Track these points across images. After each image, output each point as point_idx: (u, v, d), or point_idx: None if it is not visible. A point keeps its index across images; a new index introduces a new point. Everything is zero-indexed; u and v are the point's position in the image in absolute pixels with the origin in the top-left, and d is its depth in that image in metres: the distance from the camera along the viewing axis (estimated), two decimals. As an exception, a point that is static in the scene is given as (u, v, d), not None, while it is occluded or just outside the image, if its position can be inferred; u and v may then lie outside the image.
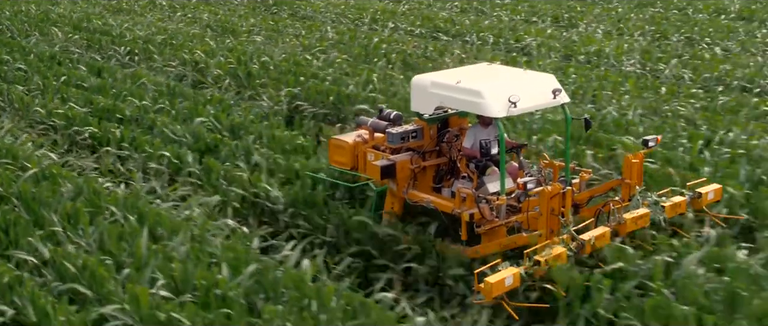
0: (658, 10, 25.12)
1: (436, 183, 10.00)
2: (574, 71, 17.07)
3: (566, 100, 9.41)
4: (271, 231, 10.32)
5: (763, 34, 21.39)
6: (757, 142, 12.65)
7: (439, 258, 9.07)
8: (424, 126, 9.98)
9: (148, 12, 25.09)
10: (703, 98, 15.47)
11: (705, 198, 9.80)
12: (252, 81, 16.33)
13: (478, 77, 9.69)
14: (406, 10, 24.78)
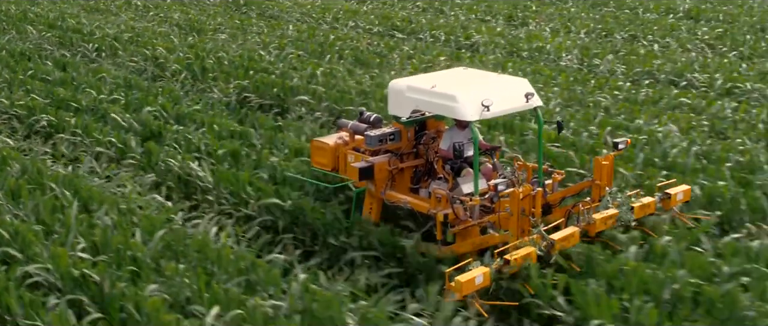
0: (610, 10, 26.04)
1: (413, 184, 10.20)
2: (512, 65, 17.98)
3: (539, 104, 9.65)
4: (203, 206, 11.28)
5: (703, 31, 22.32)
6: (660, 128, 13.61)
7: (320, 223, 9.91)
8: (401, 129, 10.15)
9: (123, 11, 26.00)
10: (628, 90, 16.38)
11: (674, 199, 9.96)
12: (206, 75, 17.26)
13: (452, 82, 9.94)
14: (368, 9, 25.68)
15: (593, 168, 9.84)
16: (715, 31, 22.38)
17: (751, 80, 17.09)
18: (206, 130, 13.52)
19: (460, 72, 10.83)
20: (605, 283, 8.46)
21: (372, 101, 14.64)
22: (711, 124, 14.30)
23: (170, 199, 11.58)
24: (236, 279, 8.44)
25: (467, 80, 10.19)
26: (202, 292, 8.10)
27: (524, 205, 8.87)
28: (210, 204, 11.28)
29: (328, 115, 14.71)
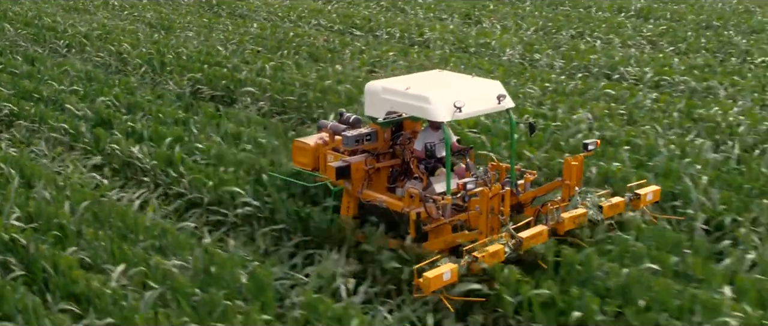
0: (566, 9, 26.97)
1: (390, 183, 10.30)
2: (456, 60, 18.90)
3: (511, 105, 9.77)
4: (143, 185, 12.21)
5: (648, 29, 23.23)
6: (574, 116, 14.52)
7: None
8: (378, 129, 10.26)
9: (100, 10, 26.93)
10: (559, 82, 17.29)
11: (643, 199, 10.12)
12: (164, 69, 18.18)
13: (426, 83, 10.04)
14: (332, 9, 26.59)
15: (563, 169, 9.95)
16: (659, 28, 23.32)
17: (680, 73, 18.02)
18: (152, 118, 14.45)
19: (435, 74, 10.96)
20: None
21: (311, 91, 15.59)
22: (629, 112, 15.21)
23: (114, 178, 12.52)
24: (148, 242, 9.35)
25: (441, 82, 10.27)
26: (114, 253, 9.02)
27: (493, 204, 9.03)
28: (147, 183, 12.21)
29: (270, 104, 15.66)
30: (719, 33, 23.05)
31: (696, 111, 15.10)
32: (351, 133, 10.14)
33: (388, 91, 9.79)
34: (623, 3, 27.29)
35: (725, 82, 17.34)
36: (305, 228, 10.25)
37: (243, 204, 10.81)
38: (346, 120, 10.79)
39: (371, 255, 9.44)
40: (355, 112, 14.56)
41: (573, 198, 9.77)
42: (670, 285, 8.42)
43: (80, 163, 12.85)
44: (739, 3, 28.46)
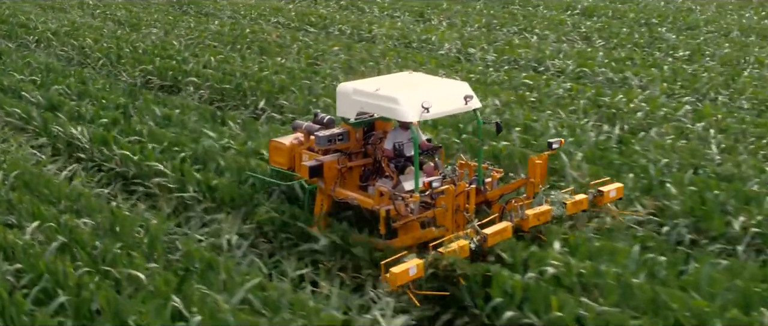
0: (516, 8, 28.17)
1: (362, 181, 10.48)
2: (394, 53, 20.10)
3: (477, 106, 10.01)
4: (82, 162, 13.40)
5: (586, 25, 24.44)
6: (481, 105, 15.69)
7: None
8: (350, 129, 10.41)
9: (74, 9, 28.17)
10: (484, 74, 18.47)
11: (606, 196, 10.29)
12: (120, 61, 19.41)
13: (396, 85, 10.25)
14: (292, 7, 27.81)
15: (528, 167, 10.18)
16: (597, 25, 24.51)
17: (601, 66, 19.19)
18: (99, 103, 15.68)
19: (405, 76, 11.20)
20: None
21: (246, 81, 16.82)
22: (539, 100, 16.40)
23: (56, 157, 13.73)
24: (65, 205, 10.56)
25: (410, 84, 10.45)
26: (34, 213, 10.23)
27: (459, 202, 9.27)
28: (85, 160, 13.41)
29: (210, 93, 16.88)
30: (653, 29, 24.24)
31: (601, 99, 16.29)
32: (324, 133, 10.29)
33: (359, 92, 9.97)
34: (571, 2, 28.49)
35: (641, 74, 18.52)
36: (213, 197, 11.44)
37: (159, 174, 12.01)
38: (320, 120, 10.96)
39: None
40: (286, 99, 15.87)
41: (537, 196, 9.99)
42: (513, 243, 9.48)
43: (28, 143, 14.05)
44: (683, 2, 29.67)
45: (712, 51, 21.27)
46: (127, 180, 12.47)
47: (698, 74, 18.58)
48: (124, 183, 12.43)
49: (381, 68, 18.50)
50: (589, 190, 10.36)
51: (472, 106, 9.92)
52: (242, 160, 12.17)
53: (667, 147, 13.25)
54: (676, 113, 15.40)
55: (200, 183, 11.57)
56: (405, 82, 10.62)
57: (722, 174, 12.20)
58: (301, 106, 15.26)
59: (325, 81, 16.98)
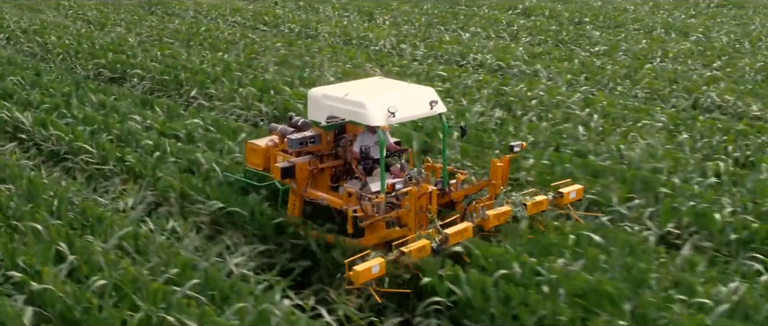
0: (462, 8, 29.62)
1: (333, 182, 10.68)
2: (331, 49, 21.54)
3: (443, 110, 10.25)
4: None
5: (520, 24, 25.88)
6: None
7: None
8: (321, 132, 10.63)
9: (50, 10, 29.63)
10: (406, 67, 19.87)
11: (566, 197, 10.58)
12: (78, 55, 20.87)
13: (364, 90, 10.41)
14: (251, 8, 29.26)
15: (490, 170, 10.48)
16: (529, 23, 25.94)
17: (517, 60, 20.61)
18: (51, 92, 17.15)
19: (374, 81, 11.39)
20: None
21: (184, 72, 18.27)
22: (447, 90, 17.79)
23: (3, 138, 15.17)
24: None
25: (377, 89, 10.62)
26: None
27: (422, 203, 9.44)
28: (27, 140, 14.84)
29: (152, 83, 18.31)
30: (582, 27, 25.66)
31: (503, 88, 17.70)
32: (296, 136, 10.55)
33: (328, 97, 10.22)
34: (514, 2, 29.91)
35: (551, 67, 19.94)
36: (127, 170, 12.84)
37: (84, 151, 13.45)
38: (294, 123, 11.20)
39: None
40: (215, 88, 17.31)
41: (498, 197, 10.28)
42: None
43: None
44: (622, 2, 31.10)
45: (628, 46, 22.68)
46: (59, 157, 13.90)
47: (605, 67, 19.98)
48: (57, 160, 13.85)
49: (315, 62, 19.97)
50: (550, 192, 10.67)
51: (437, 110, 10.13)
52: (157, 138, 13.61)
53: (541, 128, 14.67)
54: (567, 100, 16.82)
55: (118, 159, 13.01)
56: (373, 87, 10.81)
57: (581, 151, 13.60)
58: (227, 94, 16.69)
59: (255, 72, 18.41)
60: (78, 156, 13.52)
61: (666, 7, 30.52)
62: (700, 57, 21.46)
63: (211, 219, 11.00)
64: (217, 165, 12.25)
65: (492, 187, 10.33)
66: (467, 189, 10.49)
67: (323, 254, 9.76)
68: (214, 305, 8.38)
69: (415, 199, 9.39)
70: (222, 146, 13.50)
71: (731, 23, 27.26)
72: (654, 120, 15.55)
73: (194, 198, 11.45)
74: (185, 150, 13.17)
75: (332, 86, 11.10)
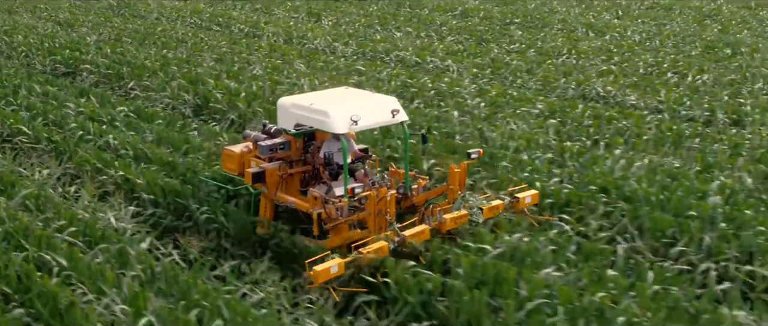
0: (407, 10, 31.43)
1: (303, 187, 10.94)
2: (269, 46, 23.34)
3: (405, 119, 10.53)
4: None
5: (453, 25, 27.67)
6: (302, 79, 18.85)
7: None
8: (291, 139, 10.92)
9: (26, 12, 31.46)
10: (331, 62, 21.63)
11: (522, 202, 10.93)
12: (38, 53, 22.70)
13: (329, 99, 10.74)
14: (210, 10, 31.08)
15: (448, 175, 10.80)
16: (461, 24, 27.74)
17: (433, 56, 22.37)
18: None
19: (340, 91, 11.58)
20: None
21: (126, 67, 20.09)
22: (360, 82, 19.54)
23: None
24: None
25: (342, 98, 10.88)
26: None
27: (381, 206, 9.73)
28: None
29: (99, 77, 20.11)
30: (509, 28, 27.45)
31: (409, 81, 19.46)
32: (266, 143, 10.84)
33: (296, 106, 10.56)
34: (456, 5, 31.73)
35: (464, 63, 21.70)
36: (54, 149, 14.61)
37: (22, 133, 15.27)
38: (267, 131, 11.42)
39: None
40: (150, 81, 19.09)
41: (456, 201, 10.55)
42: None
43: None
44: (558, 4, 32.89)
45: (544, 44, 24.44)
46: (2, 138, 15.70)
47: (511, 63, 21.73)
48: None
49: (251, 59, 21.78)
50: (506, 197, 11.04)
51: (399, 118, 10.43)
52: (83, 122, 15.43)
53: (421, 113, 16.39)
54: (463, 91, 18.58)
55: (47, 139, 14.82)
56: (338, 96, 11.09)
57: (450, 133, 15.35)
58: (159, 86, 18.49)
59: (190, 67, 20.21)
60: (17, 137, 15.37)
61: (598, 9, 32.28)
62: (602, 53, 23.19)
63: (115, 188, 12.79)
64: (129, 146, 14.03)
65: (450, 192, 10.64)
66: (428, 194, 10.77)
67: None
68: (90, 249, 10.18)
69: (374, 203, 9.69)
70: (139, 129, 15.28)
71: (650, 23, 29.02)
72: (533, 107, 17.27)
73: (105, 171, 13.26)
74: (104, 131, 14.96)
75: (300, 96, 11.47)
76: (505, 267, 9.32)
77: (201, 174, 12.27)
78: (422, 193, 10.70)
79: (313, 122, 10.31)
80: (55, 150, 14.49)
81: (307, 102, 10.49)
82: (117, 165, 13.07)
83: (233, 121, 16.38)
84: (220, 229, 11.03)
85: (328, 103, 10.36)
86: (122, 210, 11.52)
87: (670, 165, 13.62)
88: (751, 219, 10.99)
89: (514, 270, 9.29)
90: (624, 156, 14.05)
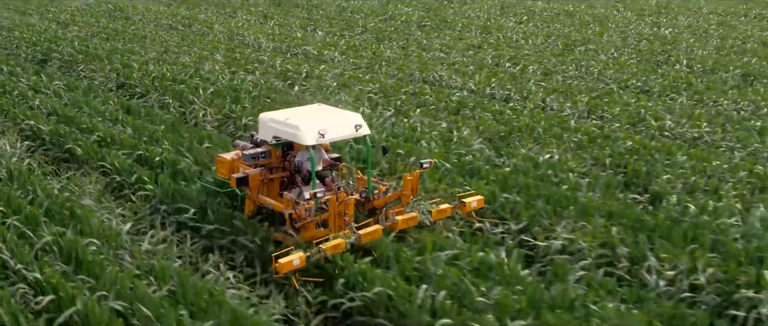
0: (348, 14, 36.37)
1: (281, 190, 11.83)
2: (210, 42, 28.52)
3: (367, 132, 11.30)
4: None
5: (370, 26, 32.47)
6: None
7: None
8: (271, 149, 11.81)
9: (37, 14, 37.02)
10: (248, 55, 26.57)
11: (468, 206, 11.74)
12: (26, 45, 28.14)
13: (302, 115, 11.53)
14: (181, 13, 36.31)
15: (403, 183, 11.59)
16: (381, 25, 32.58)
17: (332, 51, 27.15)
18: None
19: (314, 108, 12.41)
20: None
21: (84, 56, 25.35)
22: (257, 69, 24.41)
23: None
24: None
25: (313, 114, 11.69)
26: None
27: (341, 209, 10.71)
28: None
29: (61, 62, 25.38)
30: (421, 28, 32.11)
31: (293, 68, 24.26)
32: (249, 152, 11.85)
33: (273, 120, 11.45)
34: (386, 11, 36.61)
35: (346, 55, 26.34)
36: (14, 123, 19.69)
37: None
38: (255, 141, 12.30)
39: None
40: (95, 65, 24.33)
41: (409, 205, 11.49)
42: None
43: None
44: (478, 11, 37.49)
45: (426, 43, 28.93)
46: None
47: (391, 56, 26.35)
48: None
49: (190, 50, 26.92)
50: (454, 201, 11.95)
51: (362, 132, 11.22)
52: (28, 91, 20.70)
53: (290, 92, 21.18)
54: (326, 75, 23.31)
55: (6, 113, 19.96)
56: (310, 112, 11.92)
57: (287, 101, 20.21)
58: (101, 68, 23.62)
59: (132, 56, 25.37)
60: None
61: (512, 16, 36.72)
62: (470, 49, 27.78)
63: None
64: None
65: (403, 197, 11.47)
66: (387, 198, 11.53)
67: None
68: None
69: (334, 206, 10.72)
70: (73, 100, 20.19)
71: (541, 26, 33.47)
72: (365, 87, 21.78)
73: (25, 122, 18.44)
74: (45, 100, 20.07)
75: (278, 112, 12.16)
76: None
77: (202, 180, 13.44)
78: (382, 197, 11.52)
79: (287, 135, 11.22)
80: (7, 114, 19.46)
81: (283, 117, 11.44)
82: (29, 115, 18.29)
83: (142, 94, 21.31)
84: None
85: (300, 118, 11.27)
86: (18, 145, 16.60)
87: (440, 126, 17.80)
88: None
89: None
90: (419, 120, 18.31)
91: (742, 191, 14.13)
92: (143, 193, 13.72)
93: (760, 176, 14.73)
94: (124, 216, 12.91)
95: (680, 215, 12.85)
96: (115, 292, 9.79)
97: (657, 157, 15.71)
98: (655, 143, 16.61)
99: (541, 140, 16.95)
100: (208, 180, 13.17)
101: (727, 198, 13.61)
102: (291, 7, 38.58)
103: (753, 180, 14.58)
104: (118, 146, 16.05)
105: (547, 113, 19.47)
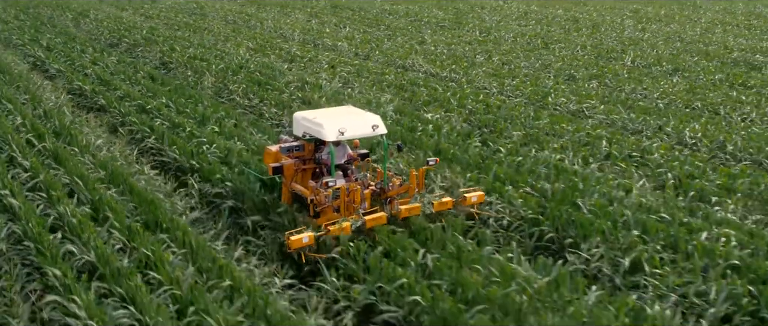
0: (385, 15, 40.87)
1: (313, 179, 12.45)
2: (244, 31, 33.72)
3: (383, 132, 11.93)
4: None
5: (393, 25, 36.77)
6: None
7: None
8: (304, 143, 12.57)
9: (132, 10, 43.24)
10: (272, 45, 31.43)
11: (469, 200, 12.36)
12: (107, 32, 34.04)
13: (328, 115, 12.30)
14: (248, 11, 41.58)
15: (409, 177, 12.31)
16: (400, 25, 36.87)
17: (347, 43, 31.55)
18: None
19: (342, 109, 13.15)
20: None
21: (149, 44, 30.93)
22: (286, 56, 28.93)
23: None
24: None
25: (338, 115, 12.36)
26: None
27: (351, 197, 11.49)
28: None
29: (127, 46, 31.09)
30: (415, 24, 36.21)
31: (309, 55, 28.67)
32: (285, 145, 12.62)
33: (304, 118, 12.18)
34: (415, 11, 40.88)
35: (365, 49, 30.73)
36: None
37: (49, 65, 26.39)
38: (294, 135, 12.88)
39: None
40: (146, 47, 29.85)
41: (415, 197, 12.41)
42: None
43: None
44: (499, 14, 41.16)
45: (430, 39, 32.98)
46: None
47: (390, 47, 30.46)
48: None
49: (235, 38, 32.04)
50: (456, 194, 12.73)
51: (379, 131, 11.93)
52: (89, 63, 26.32)
53: (281, 70, 25.87)
54: (321, 59, 27.78)
55: (65, 77, 25.55)
56: (336, 113, 12.61)
57: (276, 77, 24.99)
58: (155, 53, 28.94)
59: (183, 41, 30.71)
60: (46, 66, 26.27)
61: (485, 14, 40.03)
62: (461, 46, 31.60)
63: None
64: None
65: (410, 190, 12.29)
66: (399, 189, 12.26)
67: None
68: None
69: (344, 194, 11.50)
70: (117, 70, 25.59)
71: (531, 27, 36.84)
72: (345, 68, 25.87)
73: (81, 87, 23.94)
74: (96, 69, 25.49)
75: (309, 111, 12.88)
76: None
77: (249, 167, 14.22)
78: (395, 189, 12.31)
79: (313, 131, 11.98)
80: (62, 74, 25.05)
81: (312, 116, 12.22)
82: (81, 79, 23.83)
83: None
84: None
85: (325, 118, 12.07)
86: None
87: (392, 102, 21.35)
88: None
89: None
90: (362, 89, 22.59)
91: (565, 144, 16.96)
92: (136, 130, 18.24)
93: (592, 136, 17.83)
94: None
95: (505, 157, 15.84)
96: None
97: (521, 119, 19.13)
98: (525, 109, 20.16)
99: (445, 107, 20.75)
100: (250, 168, 14.15)
101: (548, 150, 16.65)
102: (342, 9, 43.30)
103: (586, 139, 17.54)
104: (129, 100, 21.29)
105: (473, 90, 22.89)
